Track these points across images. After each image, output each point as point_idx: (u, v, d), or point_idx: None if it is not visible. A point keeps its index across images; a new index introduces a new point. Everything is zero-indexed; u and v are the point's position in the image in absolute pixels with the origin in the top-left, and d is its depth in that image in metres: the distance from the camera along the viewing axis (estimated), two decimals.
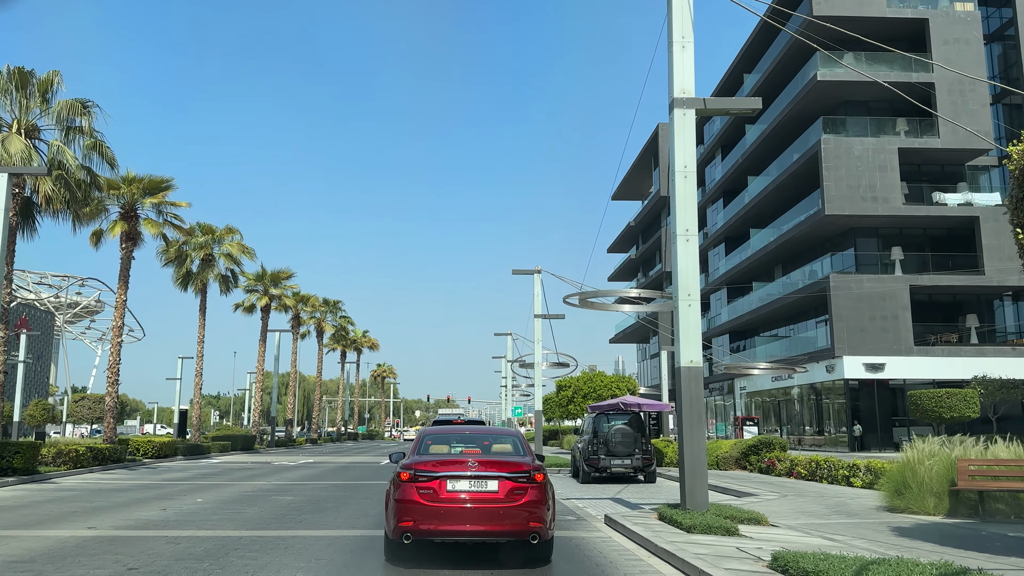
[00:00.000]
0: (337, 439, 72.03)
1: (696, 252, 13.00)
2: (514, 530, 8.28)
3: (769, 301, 49.41)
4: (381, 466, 30.97)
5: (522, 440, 9.88)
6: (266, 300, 47.94)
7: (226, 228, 40.20)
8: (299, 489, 19.54)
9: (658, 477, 22.37)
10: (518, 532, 8.29)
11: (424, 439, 9.84)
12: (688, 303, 12.59)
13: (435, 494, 8.28)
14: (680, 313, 12.59)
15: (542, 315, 33.08)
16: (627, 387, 38.54)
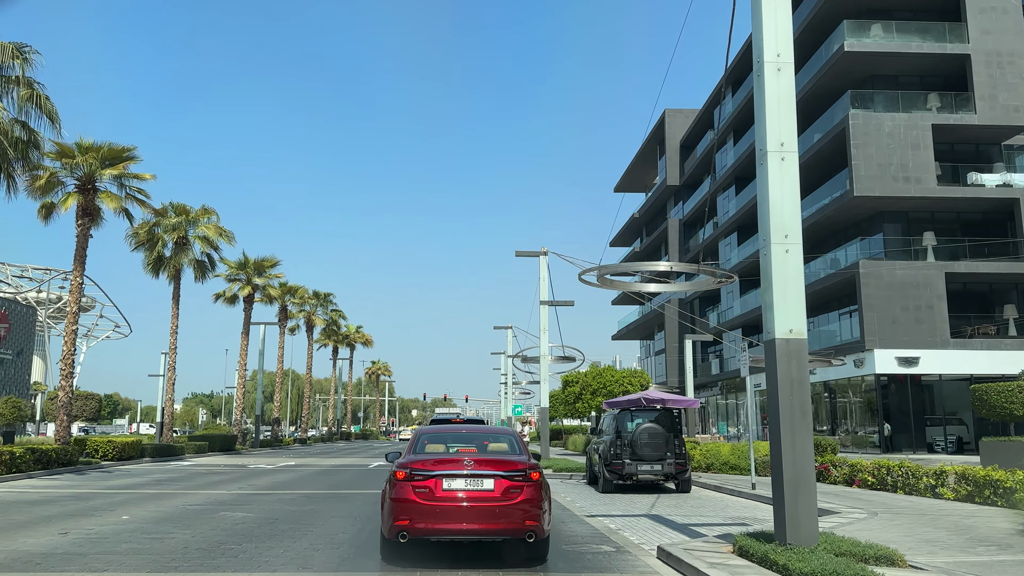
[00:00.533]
0: (328, 439, 68.22)
1: (796, 175, 9.34)
2: (510, 529, 8.14)
3: None
4: (370, 470, 27.33)
5: (518, 439, 9.68)
6: (249, 290, 44.14)
7: (201, 209, 36.44)
8: (260, 501, 15.83)
9: (692, 485, 18.65)
10: (514, 531, 8.15)
11: (420, 438, 9.57)
12: (785, 247, 8.98)
13: (431, 493, 8.14)
14: (773, 262, 8.96)
15: (548, 302, 29.43)
16: (639, 382, 34.89)
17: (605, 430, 19.58)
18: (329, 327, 64.19)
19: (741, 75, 54.22)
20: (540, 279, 29.59)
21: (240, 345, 44.36)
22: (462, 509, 8.08)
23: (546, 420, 29.04)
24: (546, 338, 29.34)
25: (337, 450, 47.93)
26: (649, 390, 23.05)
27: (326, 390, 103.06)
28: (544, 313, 29.35)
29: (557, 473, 23.56)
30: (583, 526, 12.22)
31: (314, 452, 44.42)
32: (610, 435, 18.42)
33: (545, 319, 29.36)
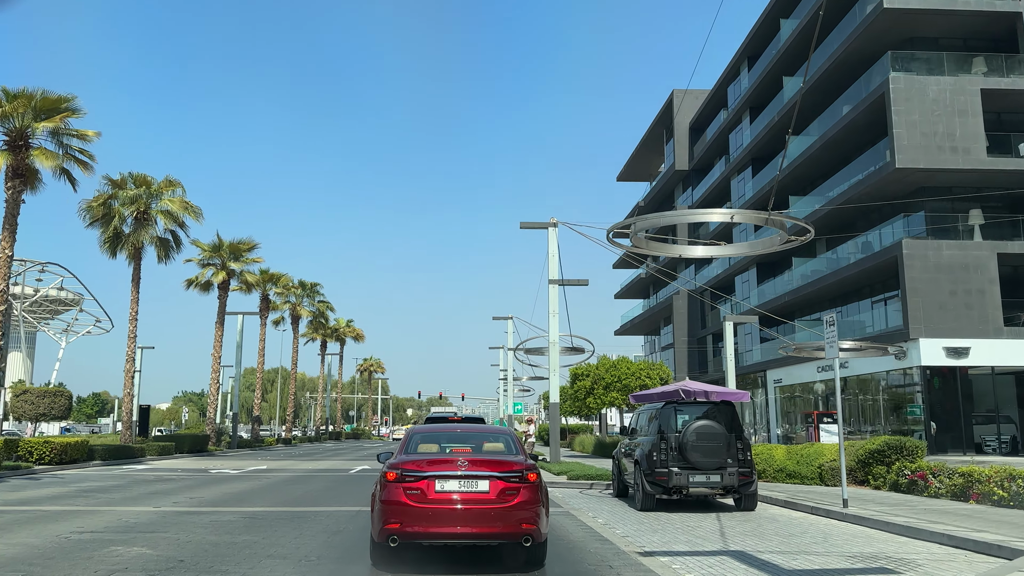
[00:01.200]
0: (317, 439, 63.71)
1: None
2: (506, 532, 7.64)
3: (814, 279, 41.56)
4: (349, 477, 22.99)
5: (514, 439, 9.13)
6: (224, 276, 39.58)
7: (165, 180, 31.96)
8: (182, 526, 11.43)
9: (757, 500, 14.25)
10: (510, 534, 7.66)
11: (412, 437, 8.94)
12: None
13: (423, 495, 7.65)
14: None
15: (559, 281, 25.07)
16: (658, 375, 30.57)
17: (641, 429, 15.23)
18: (316, 319, 59.54)
19: (757, 49, 50.01)
20: (548, 255, 25.24)
21: (214, 336, 39.87)
22: (456, 512, 7.62)
23: (556, 418, 24.68)
24: (556, 323, 24.97)
25: (322, 451, 43.49)
26: (685, 382, 18.66)
27: (317, 388, 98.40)
28: (554, 294, 24.98)
29: (574, 482, 19.22)
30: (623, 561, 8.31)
31: (296, 454, 39.99)
32: (650, 436, 14.08)
33: (555, 300, 24.98)
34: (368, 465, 28.81)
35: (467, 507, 7.62)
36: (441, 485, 7.68)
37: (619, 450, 16.55)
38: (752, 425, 50.95)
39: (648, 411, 15.11)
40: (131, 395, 32.13)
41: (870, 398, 39.12)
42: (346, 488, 18.66)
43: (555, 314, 25.09)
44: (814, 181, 44.74)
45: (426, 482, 7.68)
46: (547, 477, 20.64)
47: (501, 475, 7.75)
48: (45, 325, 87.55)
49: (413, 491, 7.64)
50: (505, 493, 7.68)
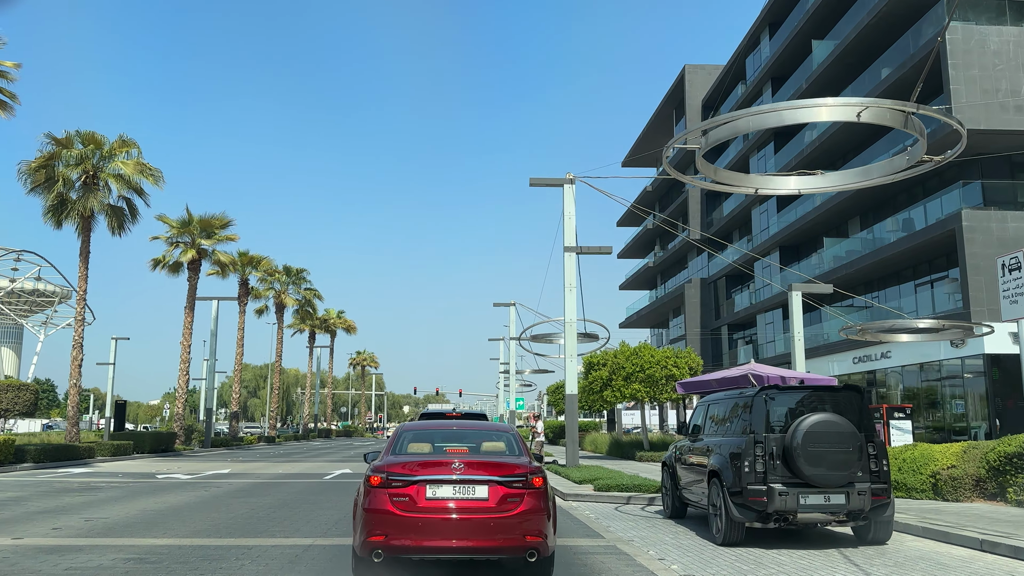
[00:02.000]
0: (304, 436, 59.13)
1: None
2: (508, 545, 6.60)
3: (849, 261, 37.15)
4: (323, 484, 18.58)
5: (517, 438, 7.89)
6: (193, 254, 34.90)
7: (119, 139, 27.41)
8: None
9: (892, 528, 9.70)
10: (512, 548, 6.62)
11: (401, 436, 7.78)
12: None
13: (412, 502, 6.60)
14: None
15: (576, 248, 20.59)
16: (687, 364, 26.13)
17: (712, 427, 10.74)
18: (303, 309, 54.81)
19: (780, 15, 45.61)
20: (564, 216, 20.74)
21: (183, 322, 35.32)
22: (450, 522, 6.55)
23: (574, 412, 20.14)
24: (573, 298, 20.49)
25: (305, 451, 38.96)
26: (751, 364, 14.23)
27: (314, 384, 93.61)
28: (570, 264, 20.48)
29: (604, 494, 14.73)
30: None
31: (274, 454, 35.47)
32: (735, 437, 9.58)
33: (571, 271, 20.49)
34: (351, 468, 24.39)
35: (463, 517, 6.62)
36: (433, 491, 6.71)
37: (674, 454, 12.08)
38: None
39: (725, 402, 10.60)
40: (77, 387, 27.59)
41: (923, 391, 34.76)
42: (311, 502, 14.19)
43: (572, 288, 20.61)
44: (846, 155, 40.37)
45: (416, 487, 6.70)
46: (566, 487, 16.18)
47: (502, 480, 6.76)
48: (26, 318, 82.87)
49: (400, 498, 6.65)
50: (507, 500, 6.71)
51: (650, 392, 25.71)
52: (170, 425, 42.07)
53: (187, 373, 35.83)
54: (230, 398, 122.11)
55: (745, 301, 49.88)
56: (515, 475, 6.77)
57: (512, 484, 6.73)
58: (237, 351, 43.26)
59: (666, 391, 25.60)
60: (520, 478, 6.76)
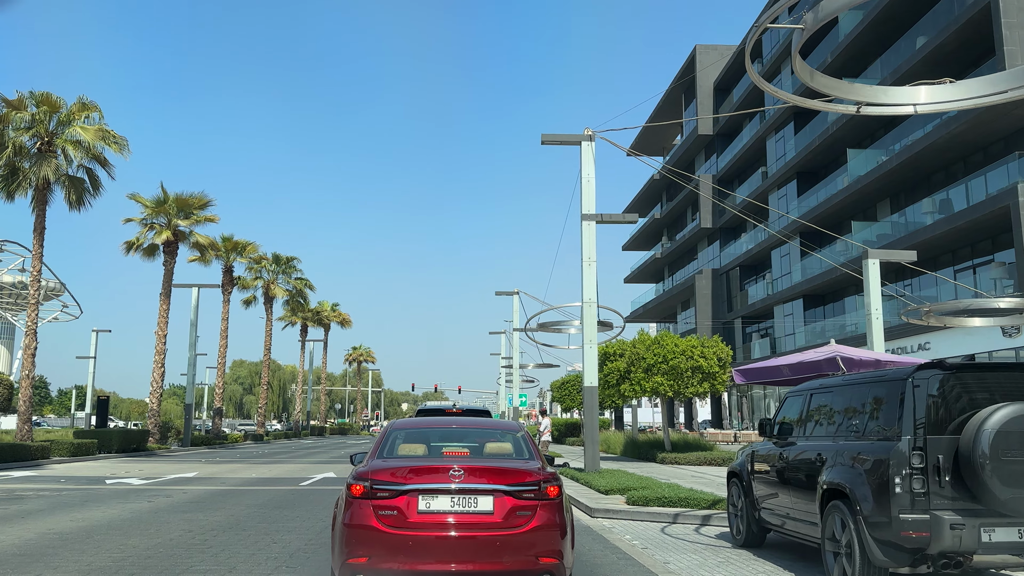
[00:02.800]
0: (296, 434, 55.91)
1: None
2: (517, 569, 5.44)
3: (880, 247, 34.04)
4: (298, 492, 15.56)
5: (527, 438, 6.68)
6: (168, 235, 31.59)
7: (78, 102, 24.23)
8: None
9: None
10: (524, 572, 5.46)
11: (391, 436, 6.58)
12: None
13: (401, 517, 5.47)
14: None
15: (596, 216, 17.49)
16: (715, 354, 22.99)
17: (816, 427, 7.58)
18: (294, 299, 51.52)
19: None
20: (581, 179, 17.61)
21: (159, 311, 32.14)
22: (447, 540, 5.37)
23: (595, 407, 17.00)
24: (592, 274, 17.38)
25: (291, 451, 35.83)
26: (833, 345, 11.12)
27: (315, 381, 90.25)
28: (589, 235, 17.37)
29: (642, 509, 11.59)
30: None
31: (257, 454, 32.34)
32: (869, 440, 6.45)
33: (590, 243, 17.37)
34: (335, 471, 21.31)
35: (463, 534, 5.40)
36: (427, 503, 5.52)
37: (747, 462, 8.97)
38: None
39: (844, 390, 7.37)
40: (30, 378, 24.45)
41: None
42: (270, 520, 11.07)
43: (591, 262, 17.49)
44: (874, 133, 37.34)
45: (406, 498, 5.51)
46: (591, 498, 13.08)
47: (510, 489, 5.55)
48: (16, 314, 79.68)
49: (387, 511, 5.47)
50: (516, 514, 5.50)
51: (674, 386, 22.60)
52: (121, 423, 38.87)
53: (163, 366, 32.63)
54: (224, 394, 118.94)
55: (761, 292, 46.81)
56: (526, 483, 5.67)
57: (522, 494, 5.63)
58: (221, 343, 40.05)
59: (692, 384, 22.49)
60: (532, 487, 5.66)
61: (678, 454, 23.00)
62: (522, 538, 5.50)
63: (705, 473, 19.02)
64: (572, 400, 38.32)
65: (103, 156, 24.97)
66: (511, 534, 5.50)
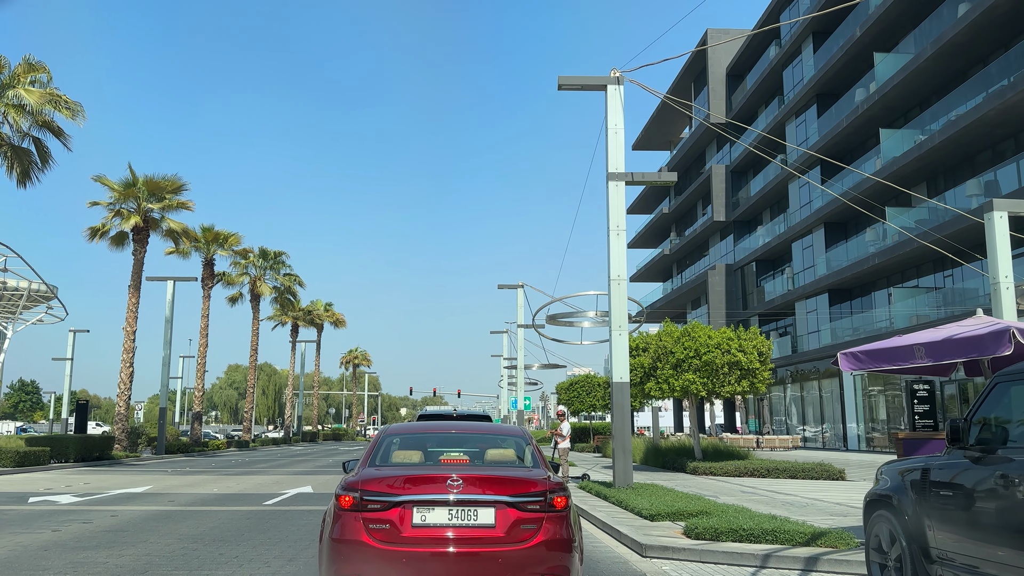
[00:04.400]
0: (286, 440, 52.50)
1: None
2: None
3: (920, 232, 30.83)
4: (260, 514, 12.40)
5: (531, 443, 6.13)
6: (137, 220, 28.22)
7: (23, 62, 21.05)
8: None
9: None
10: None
11: (384, 442, 6.07)
12: None
13: (394, 531, 4.96)
14: None
15: (625, 176, 14.26)
16: (755, 347, 19.74)
17: None
18: (282, 296, 48.15)
19: None
20: (607, 131, 14.37)
21: (128, 304, 28.84)
22: (444, 557, 4.85)
23: (625, 408, 13.71)
24: (622, 246, 14.16)
25: (275, 459, 32.50)
26: (979, 317, 7.95)
27: (307, 385, 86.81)
28: (617, 198, 14.14)
29: (710, 546, 8.28)
30: None
31: (235, 463, 29.03)
32: None
33: (618, 207, 14.13)
34: (314, 485, 18.04)
35: (462, 550, 4.88)
36: (422, 515, 4.98)
37: (909, 487, 5.70)
38: (819, 424, 40.18)
39: None
40: None
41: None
42: (192, 568, 7.77)
43: (619, 231, 14.26)
44: (907, 113, 34.20)
45: (399, 511, 4.98)
46: (633, 526, 9.80)
47: (514, 500, 5.04)
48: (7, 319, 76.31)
49: (379, 525, 4.95)
50: (520, 528, 4.99)
51: (708, 384, 19.33)
52: (107, 428, 35.54)
53: (131, 365, 29.33)
54: (218, 399, 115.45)
55: (779, 288, 43.58)
56: (530, 494, 5.08)
57: (527, 506, 5.06)
58: (200, 342, 36.75)
59: (729, 382, 19.21)
60: (537, 498, 5.08)
61: (712, 463, 19.72)
62: (526, 554, 5.02)
63: (756, 488, 15.73)
64: (581, 403, 35.02)
65: (55, 124, 21.75)
66: (514, 549, 5.03)
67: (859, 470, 20.42)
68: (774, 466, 18.86)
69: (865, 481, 17.70)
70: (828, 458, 25.38)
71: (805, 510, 11.72)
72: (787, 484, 16.71)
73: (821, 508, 12.08)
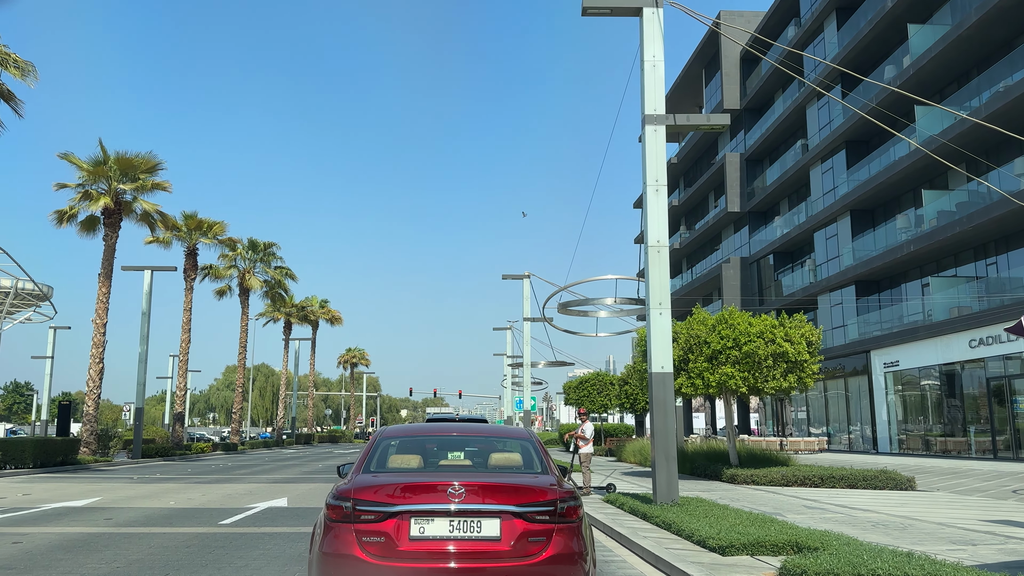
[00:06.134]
0: (278, 443, 49.67)
1: None
2: None
3: (962, 216, 28.16)
4: (206, 539, 9.57)
5: (537, 447, 5.56)
6: (107, 201, 25.34)
7: None
8: None
9: None
10: None
11: (380, 445, 5.53)
12: None
13: (390, 544, 4.46)
14: None
15: (663, 119, 11.58)
16: (802, 336, 16.95)
17: None
18: (273, 291, 45.33)
19: None
20: (643, 65, 11.65)
21: (98, 292, 26.10)
22: (445, 573, 4.35)
23: (669, 405, 11.00)
24: (661, 204, 11.44)
25: (258, 464, 29.72)
26: None
27: (303, 385, 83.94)
28: (655, 145, 11.43)
29: None
30: None
31: (214, 468, 26.26)
32: None
33: (658, 159, 11.41)
34: (287, 499, 15.28)
35: (464, 565, 4.38)
36: (420, 527, 4.48)
37: None
38: (845, 425, 37.40)
39: None
40: None
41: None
42: None
43: (659, 187, 11.59)
44: (943, 89, 31.48)
45: (395, 522, 4.48)
46: (700, 567, 7.02)
47: (521, 510, 4.53)
48: None
49: (373, 537, 4.43)
50: (527, 540, 4.48)
51: (748, 379, 16.57)
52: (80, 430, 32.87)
53: (101, 361, 26.56)
54: (216, 401, 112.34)
55: (799, 280, 40.82)
56: (540, 503, 4.58)
57: (535, 516, 4.57)
58: (182, 337, 33.95)
59: (773, 377, 16.46)
60: (547, 507, 4.58)
61: (752, 470, 16.92)
62: (535, 569, 4.48)
63: (820, 501, 12.96)
64: (592, 402, 32.25)
65: (4, 87, 19.03)
66: (522, 564, 4.48)
67: (926, 477, 17.63)
68: (827, 474, 16.08)
69: (940, 491, 14.91)
70: (867, 463, 22.60)
71: (908, 534, 8.96)
72: (852, 496, 13.94)
73: (927, 532, 9.32)
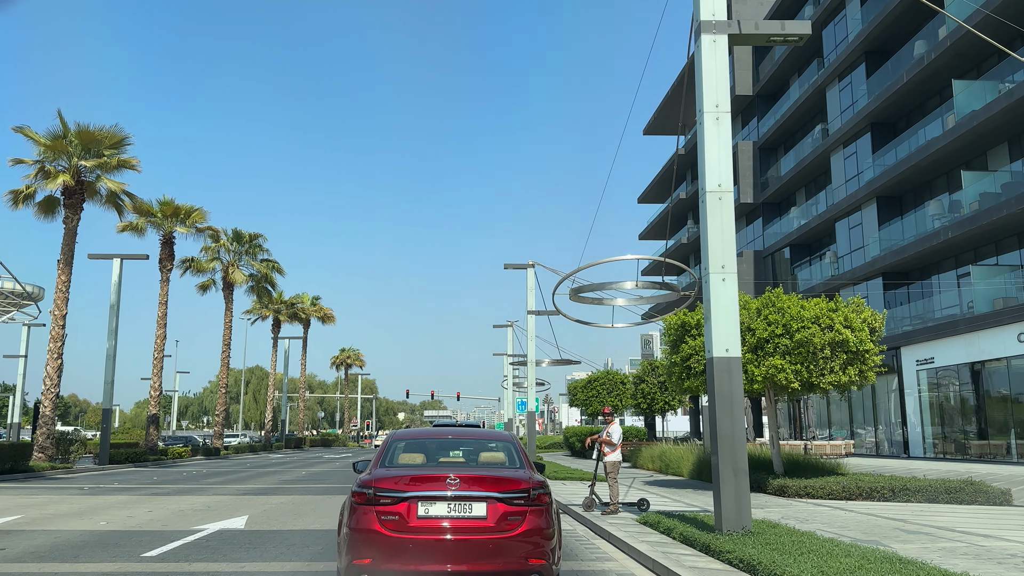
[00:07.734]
0: (267, 447, 46.70)
1: None
2: (508, 569, 5.77)
3: (1008, 199, 25.45)
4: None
5: (517, 447, 6.94)
6: (66, 179, 22.45)
7: None
8: None
9: None
10: (514, 572, 5.78)
11: (392, 445, 6.94)
12: None
13: (402, 521, 5.80)
14: None
15: (721, 26, 8.85)
16: (866, 322, 14.22)
17: None
18: (259, 285, 42.37)
19: None
20: None
21: (56, 282, 23.31)
22: (444, 543, 5.70)
23: (734, 399, 8.32)
24: (725, 134, 8.77)
25: (234, 472, 26.85)
26: None
27: (295, 386, 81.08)
28: (713, 60, 8.76)
29: None
30: None
31: (179, 477, 23.40)
32: None
33: (717, 79, 8.74)
34: (247, 518, 12.52)
35: (458, 538, 5.72)
36: (425, 509, 5.84)
37: None
38: (869, 428, 34.62)
39: None
40: None
41: None
42: None
43: (721, 114, 8.82)
44: (980, 64, 28.84)
45: (406, 504, 5.83)
46: None
47: (502, 496, 5.89)
48: None
49: (390, 516, 5.80)
50: (507, 519, 5.84)
51: (802, 373, 13.82)
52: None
53: (59, 358, 23.69)
54: (210, 404, 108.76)
55: (817, 274, 38.11)
56: (517, 491, 5.96)
57: (513, 500, 5.90)
58: (158, 333, 31.07)
59: (832, 370, 13.73)
60: (522, 494, 5.93)
61: (802, 481, 14.16)
62: (513, 541, 5.77)
63: (910, 522, 10.21)
64: (601, 403, 29.44)
65: None
66: (503, 537, 5.77)
67: (1003, 486, 14.85)
68: (897, 485, 13.33)
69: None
70: (905, 468, 19.85)
71: None
72: (943, 514, 11.19)
73: None
